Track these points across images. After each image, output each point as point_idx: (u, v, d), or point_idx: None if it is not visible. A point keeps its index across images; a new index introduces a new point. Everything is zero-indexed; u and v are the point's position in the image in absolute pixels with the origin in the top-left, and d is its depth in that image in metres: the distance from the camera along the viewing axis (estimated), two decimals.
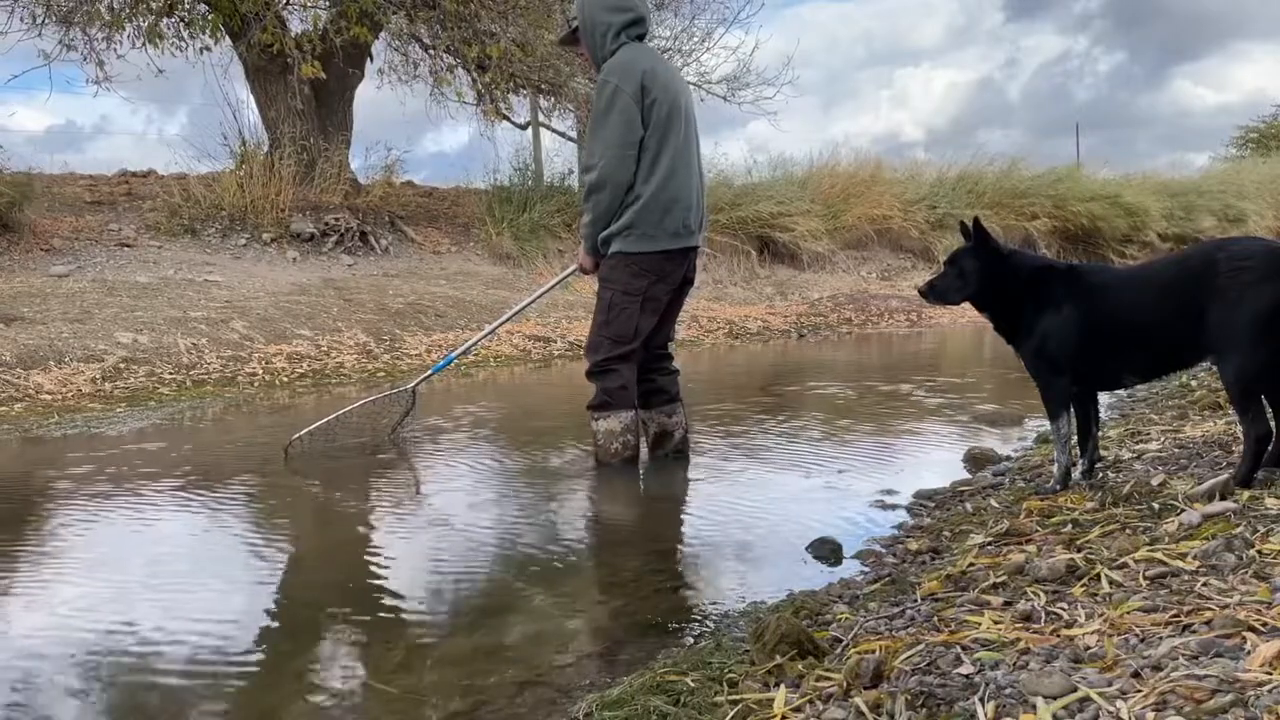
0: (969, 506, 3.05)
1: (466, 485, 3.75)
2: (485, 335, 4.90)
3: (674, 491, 3.66)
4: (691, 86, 12.26)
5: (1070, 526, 2.45)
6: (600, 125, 3.62)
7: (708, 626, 2.26)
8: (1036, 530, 2.49)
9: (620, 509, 3.49)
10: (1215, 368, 2.68)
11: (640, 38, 3.74)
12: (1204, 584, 1.83)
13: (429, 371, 4.78)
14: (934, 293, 2.93)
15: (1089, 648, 1.65)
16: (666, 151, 3.62)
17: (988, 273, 2.83)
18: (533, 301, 4.72)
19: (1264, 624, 1.58)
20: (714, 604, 2.42)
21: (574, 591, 2.60)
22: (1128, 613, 1.76)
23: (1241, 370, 2.47)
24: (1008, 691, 1.51)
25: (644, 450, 3.92)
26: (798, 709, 1.66)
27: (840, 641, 1.95)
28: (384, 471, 4.04)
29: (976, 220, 2.91)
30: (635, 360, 3.76)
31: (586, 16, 3.73)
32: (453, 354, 5.06)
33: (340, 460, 4.22)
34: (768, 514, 3.22)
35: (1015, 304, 2.83)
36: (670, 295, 3.80)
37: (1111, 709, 1.39)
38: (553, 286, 4.52)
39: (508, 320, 4.91)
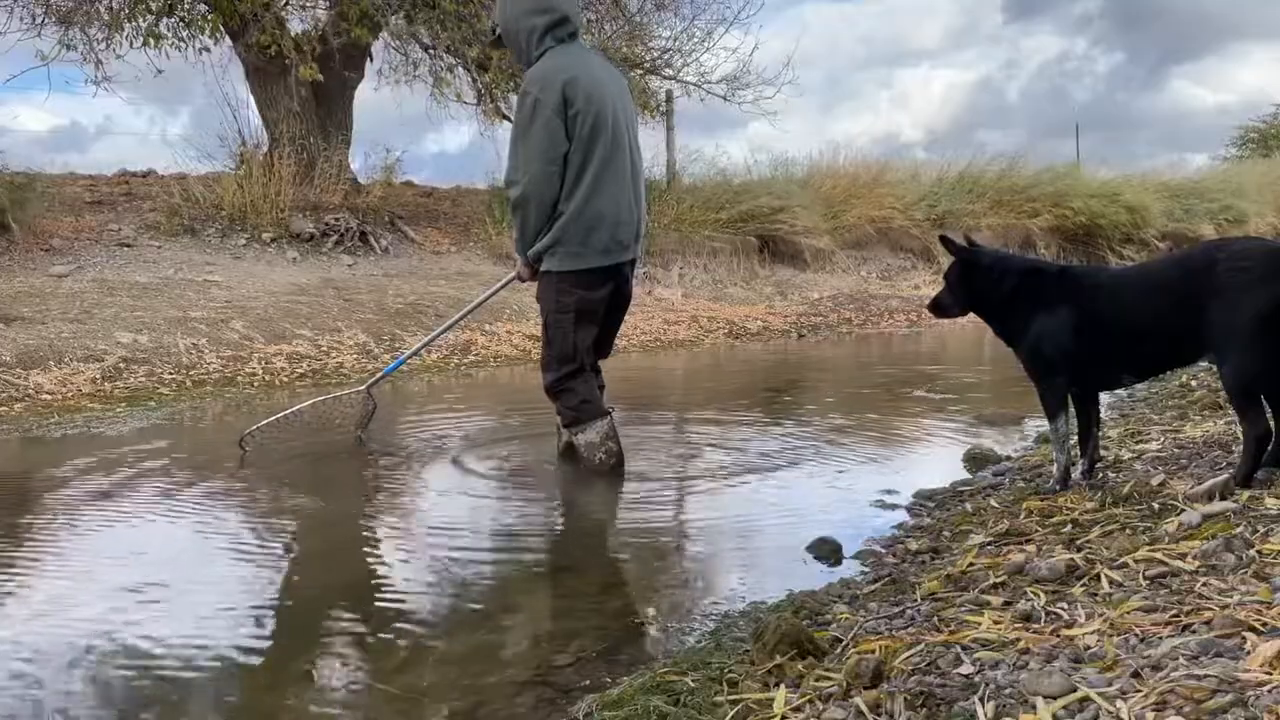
0: (969, 506, 3.05)
1: (466, 486, 3.75)
2: (430, 341, 5.05)
3: (673, 492, 3.66)
4: (691, 87, 12.32)
5: (1070, 526, 2.45)
6: (522, 139, 3.52)
7: (708, 626, 2.26)
8: (1036, 530, 2.50)
9: (619, 510, 3.49)
10: (1215, 368, 2.68)
11: (571, 36, 3.63)
12: (1204, 584, 1.83)
13: (380, 374, 4.81)
14: (937, 308, 3.02)
15: (1089, 648, 1.65)
16: (591, 165, 3.51)
17: (973, 283, 2.88)
18: (475, 308, 4.76)
19: (1264, 624, 1.58)
20: (714, 604, 2.42)
21: (574, 591, 2.60)
22: (1128, 613, 1.76)
23: (1241, 370, 2.47)
24: (1008, 691, 1.52)
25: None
26: (798, 709, 1.66)
27: (840, 641, 1.95)
28: (383, 472, 4.04)
29: (943, 237, 2.96)
30: (586, 372, 3.73)
31: (508, 23, 3.65)
32: (401, 357, 5.12)
33: (339, 461, 4.23)
34: (768, 514, 3.22)
35: (1009, 307, 2.84)
36: (606, 306, 3.72)
37: (1111, 709, 1.39)
38: (492, 294, 4.54)
39: (450, 327, 5.00)
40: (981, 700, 1.50)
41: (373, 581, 2.75)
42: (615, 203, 3.58)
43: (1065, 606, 1.88)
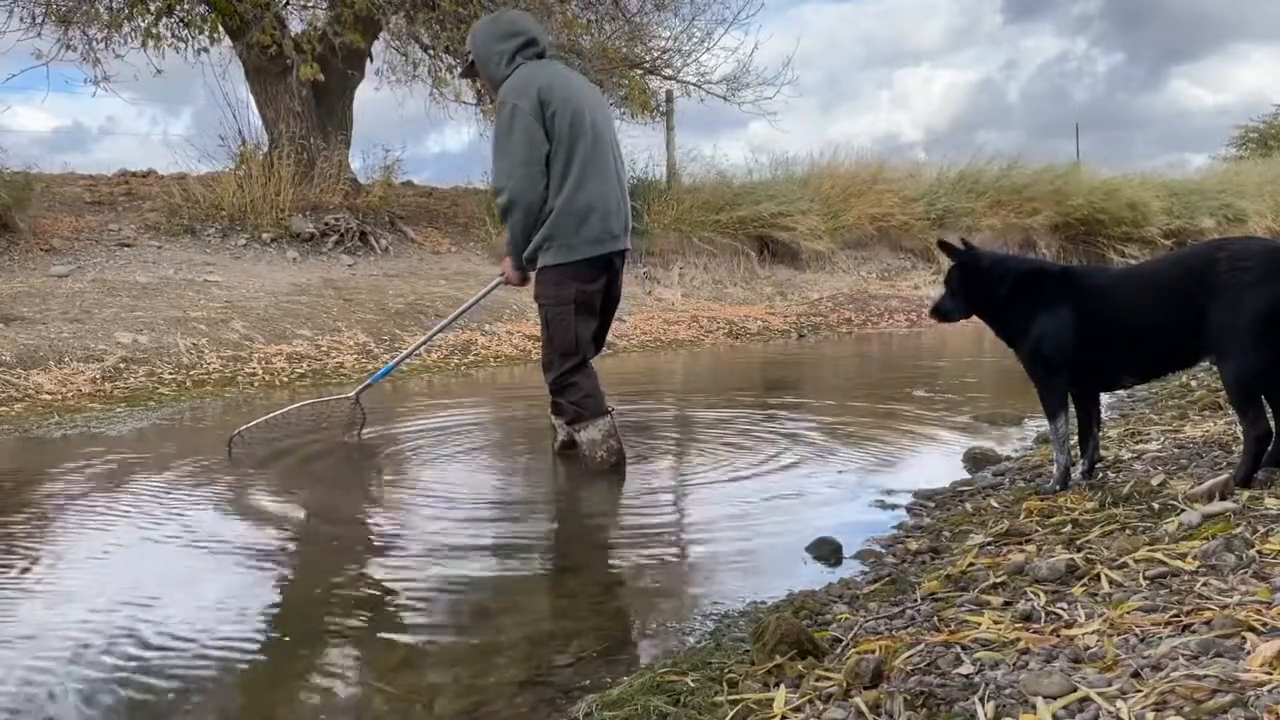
0: (969, 506, 3.05)
1: (466, 486, 3.75)
2: (420, 345, 5.09)
3: (673, 492, 3.66)
4: (691, 87, 12.32)
5: (1070, 526, 2.45)
6: (504, 146, 3.63)
7: (708, 626, 2.26)
8: (1036, 530, 2.49)
9: (619, 509, 3.49)
10: (1215, 368, 2.68)
11: (539, 56, 3.77)
12: (1204, 584, 1.83)
13: (368, 380, 4.81)
14: (939, 313, 3.03)
15: (1089, 648, 1.65)
16: (575, 161, 3.62)
17: (974, 286, 2.88)
18: (462, 313, 4.78)
19: (1264, 624, 1.58)
20: (714, 604, 2.42)
21: (574, 591, 2.60)
22: (1128, 613, 1.76)
23: (1241, 370, 2.47)
24: (1008, 691, 1.52)
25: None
26: (798, 709, 1.66)
27: (840, 641, 1.95)
28: (383, 472, 4.04)
29: (941, 241, 2.97)
30: (588, 366, 3.78)
31: (480, 49, 3.79)
32: (389, 364, 5.14)
33: (339, 460, 4.23)
34: (768, 514, 3.22)
35: (1009, 308, 2.85)
36: (602, 298, 3.80)
37: (1111, 709, 1.39)
38: (479, 299, 4.56)
39: (438, 332, 5.01)
40: (981, 700, 1.50)
41: (372, 581, 2.75)
42: (602, 194, 3.68)
43: (1065, 606, 1.88)
